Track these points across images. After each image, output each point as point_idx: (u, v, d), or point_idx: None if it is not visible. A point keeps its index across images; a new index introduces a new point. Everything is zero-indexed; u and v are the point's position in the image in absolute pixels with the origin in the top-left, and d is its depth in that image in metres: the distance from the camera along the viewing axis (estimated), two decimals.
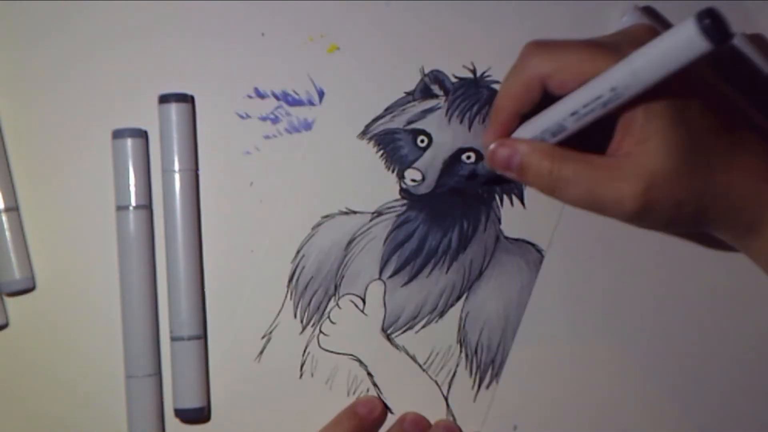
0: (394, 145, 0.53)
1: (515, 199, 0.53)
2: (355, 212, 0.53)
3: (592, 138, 0.46)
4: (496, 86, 0.53)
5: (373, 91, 0.53)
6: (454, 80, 0.53)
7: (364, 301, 0.53)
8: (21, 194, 0.53)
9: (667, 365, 0.53)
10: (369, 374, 0.52)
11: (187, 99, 0.52)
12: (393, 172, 0.53)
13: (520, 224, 0.53)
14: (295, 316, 0.52)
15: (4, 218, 0.52)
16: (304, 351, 0.52)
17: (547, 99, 0.46)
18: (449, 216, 0.53)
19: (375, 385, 0.52)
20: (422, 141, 0.53)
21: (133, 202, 0.51)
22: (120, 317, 0.51)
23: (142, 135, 0.52)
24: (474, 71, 0.53)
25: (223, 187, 0.53)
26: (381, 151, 0.53)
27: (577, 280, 0.53)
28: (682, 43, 0.39)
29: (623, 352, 0.53)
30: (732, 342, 0.53)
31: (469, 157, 0.53)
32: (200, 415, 0.52)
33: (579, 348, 0.53)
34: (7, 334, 0.52)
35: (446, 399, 0.52)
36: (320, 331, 0.52)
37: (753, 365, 0.53)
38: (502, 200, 0.53)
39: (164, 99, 0.52)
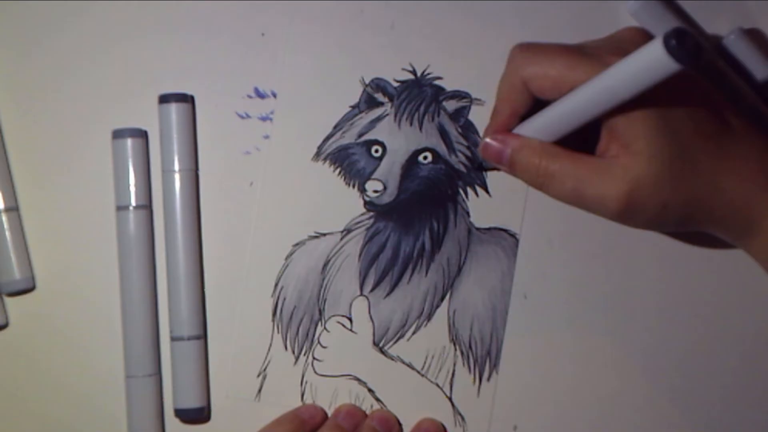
0: (349, 160, 0.53)
1: (480, 190, 0.53)
2: (324, 234, 0.53)
3: (584, 142, 0.46)
4: (438, 82, 0.53)
5: (318, 110, 0.53)
6: (396, 84, 0.53)
7: (350, 319, 0.52)
8: (21, 194, 0.53)
9: (667, 361, 0.53)
10: (370, 390, 0.52)
11: (187, 99, 0.52)
12: (354, 187, 0.53)
13: (489, 213, 0.53)
14: (286, 348, 0.52)
15: (4, 218, 0.52)
16: (302, 381, 0.52)
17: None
18: (418, 219, 0.53)
19: (377, 399, 0.52)
20: (376, 151, 0.53)
21: (133, 202, 0.51)
22: (120, 317, 0.51)
23: (142, 135, 0.52)
24: (414, 71, 0.53)
25: (223, 187, 0.53)
26: (338, 169, 0.53)
27: (569, 270, 0.53)
28: (650, 63, 0.39)
29: (620, 342, 0.53)
30: (732, 336, 0.53)
31: (425, 158, 0.53)
32: (200, 415, 0.52)
33: (575, 335, 0.52)
34: (7, 334, 0.52)
35: (450, 399, 0.52)
36: (313, 358, 0.52)
37: (754, 359, 0.53)
38: (466, 193, 0.53)
39: (164, 99, 0.52)
